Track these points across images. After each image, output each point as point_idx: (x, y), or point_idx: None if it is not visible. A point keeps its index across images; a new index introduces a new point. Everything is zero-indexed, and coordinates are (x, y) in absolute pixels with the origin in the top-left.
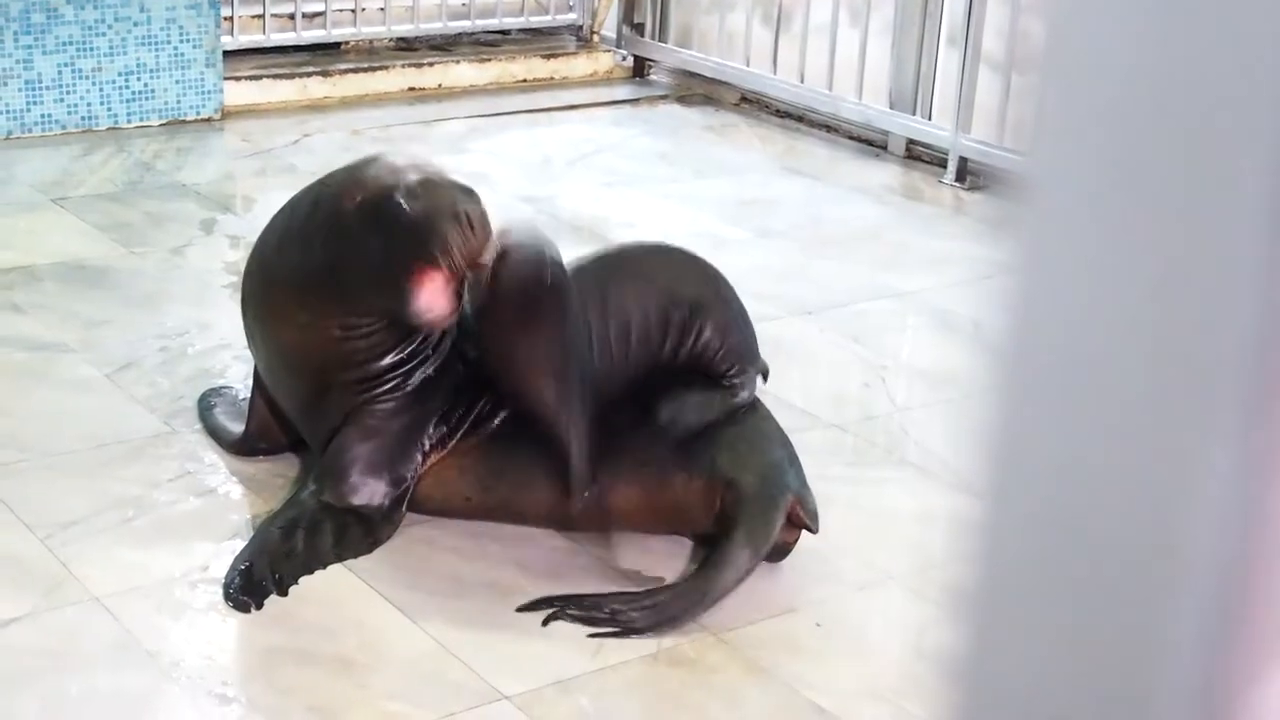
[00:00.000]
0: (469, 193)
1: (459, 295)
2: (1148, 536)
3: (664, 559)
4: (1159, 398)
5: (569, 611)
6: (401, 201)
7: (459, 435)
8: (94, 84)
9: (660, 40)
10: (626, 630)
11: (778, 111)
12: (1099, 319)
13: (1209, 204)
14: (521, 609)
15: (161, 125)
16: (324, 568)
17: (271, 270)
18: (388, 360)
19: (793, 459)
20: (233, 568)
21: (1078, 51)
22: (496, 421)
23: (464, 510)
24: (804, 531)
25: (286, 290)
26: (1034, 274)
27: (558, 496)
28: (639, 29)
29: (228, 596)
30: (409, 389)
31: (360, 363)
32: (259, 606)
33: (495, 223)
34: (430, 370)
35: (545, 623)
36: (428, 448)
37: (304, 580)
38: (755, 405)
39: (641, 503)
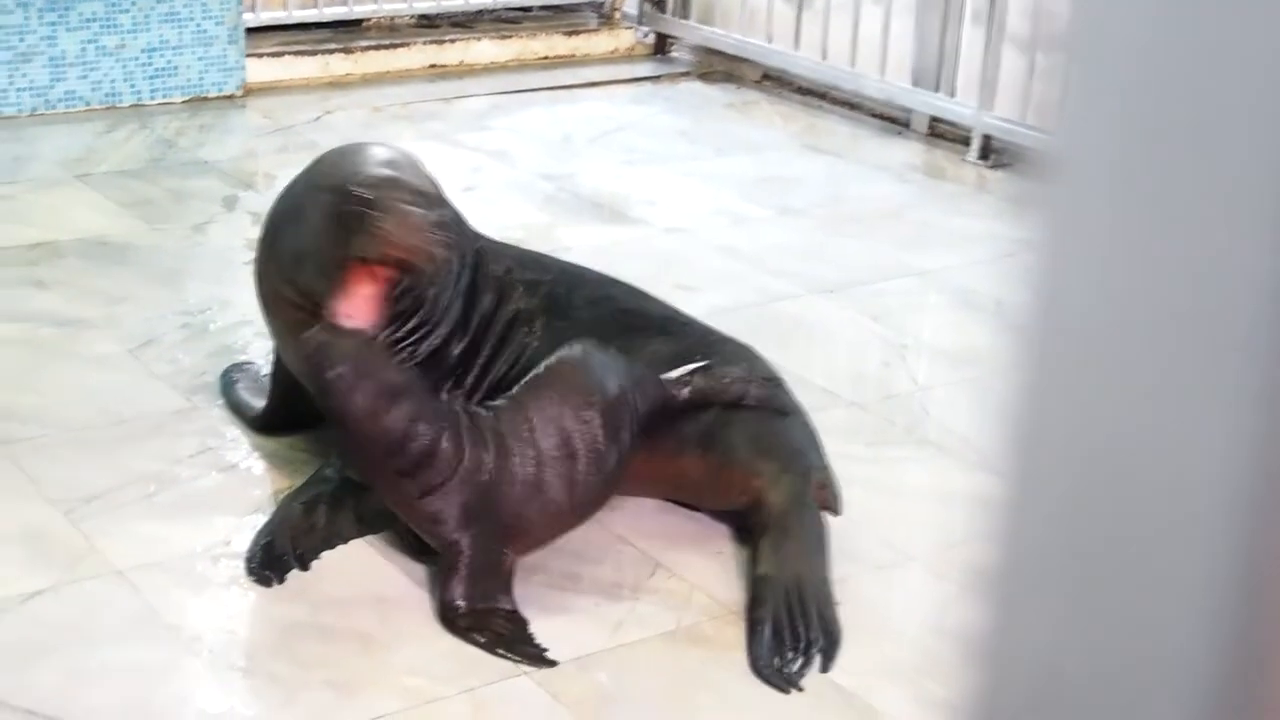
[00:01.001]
0: (427, 197)
1: (387, 300)
2: (1170, 514)
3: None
4: (1182, 375)
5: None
6: (351, 192)
7: (477, 398)
8: (117, 61)
9: (682, 17)
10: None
11: (799, 89)
12: (1123, 297)
13: (1233, 182)
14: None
15: (184, 102)
16: (345, 542)
17: (265, 249)
18: (382, 337)
19: (812, 438)
20: (254, 542)
21: (1103, 29)
22: (511, 378)
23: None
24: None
25: (277, 270)
26: (1058, 252)
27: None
28: (660, 6)
29: (249, 571)
30: (418, 360)
31: None
32: (280, 581)
33: (439, 231)
34: (437, 341)
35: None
36: None
37: (325, 555)
38: (776, 383)
39: (657, 468)
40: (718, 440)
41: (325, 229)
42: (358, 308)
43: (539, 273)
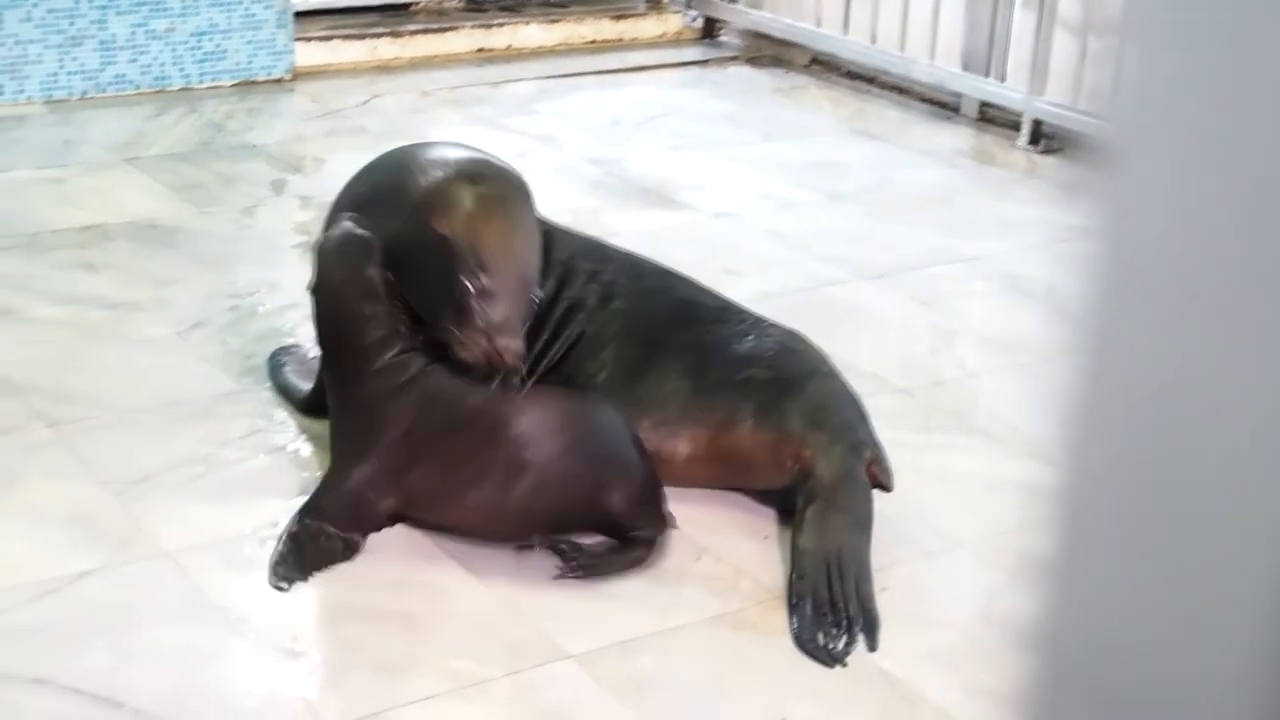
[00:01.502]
0: (528, 283)
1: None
2: (1228, 502)
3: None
4: (1242, 363)
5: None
6: (465, 283)
7: (530, 382)
8: (167, 45)
9: (730, 1)
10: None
11: (848, 73)
12: (1183, 283)
13: None
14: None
15: (233, 86)
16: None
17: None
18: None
19: (864, 418)
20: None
21: (1160, 11)
22: (566, 364)
23: None
24: (876, 492)
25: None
26: (1116, 239)
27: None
28: None
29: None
30: None
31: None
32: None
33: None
34: None
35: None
36: None
37: (371, 537)
38: (819, 369)
39: (710, 446)
40: (771, 413)
41: (430, 272)
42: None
43: (600, 261)
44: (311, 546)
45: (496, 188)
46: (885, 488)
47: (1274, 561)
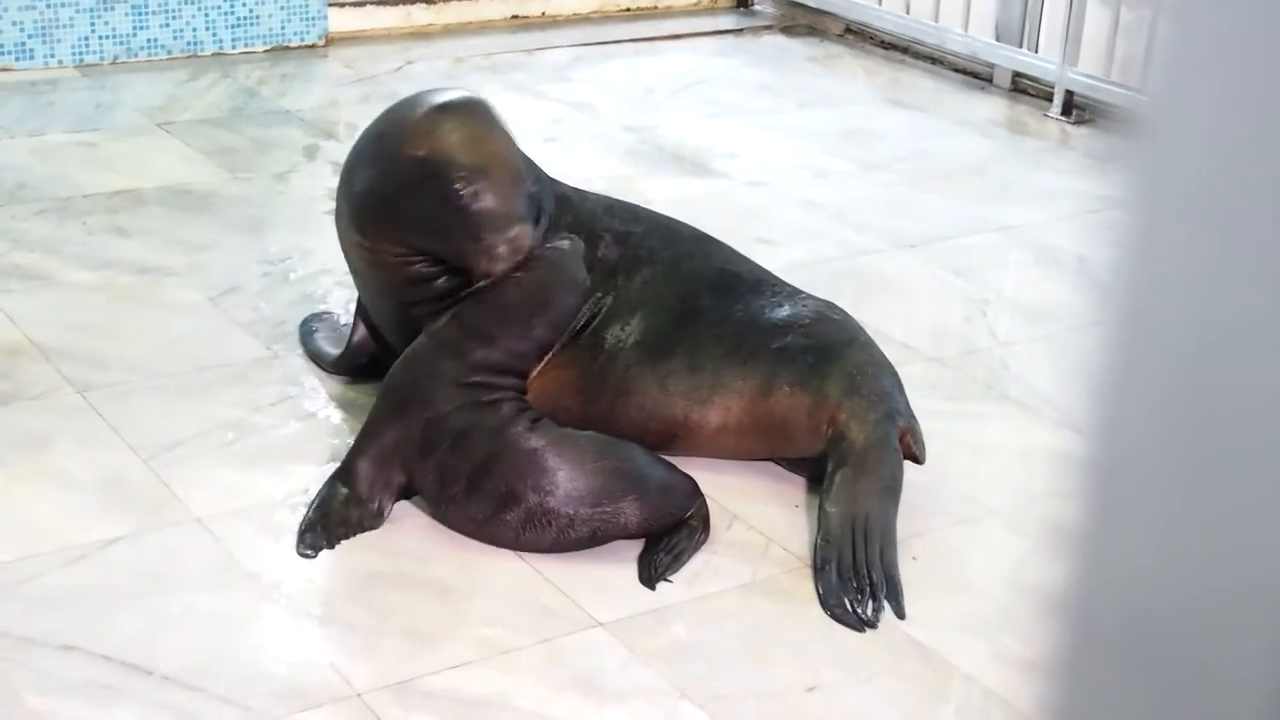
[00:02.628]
0: (518, 173)
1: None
2: (1258, 470)
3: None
4: (1273, 331)
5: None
6: (459, 189)
7: (558, 346)
8: (200, 9)
9: None
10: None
11: (882, 43)
12: (1213, 255)
13: None
14: None
15: (266, 51)
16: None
17: (342, 193)
18: (453, 283)
19: (900, 388)
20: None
21: None
22: (595, 328)
23: (566, 423)
24: (905, 463)
25: (350, 213)
26: (1147, 210)
27: (658, 406)
28: None
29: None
30: None
31: (426, 284)
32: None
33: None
34: None
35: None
36: None
37: (402, 506)
38: (857, 338)
39: (744, 412)
40: (809, 379)
41: (433, 210)
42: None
43: (629, 223)
44: (340, 514)
45: (453, 100)
46: (917, 460)
47: None
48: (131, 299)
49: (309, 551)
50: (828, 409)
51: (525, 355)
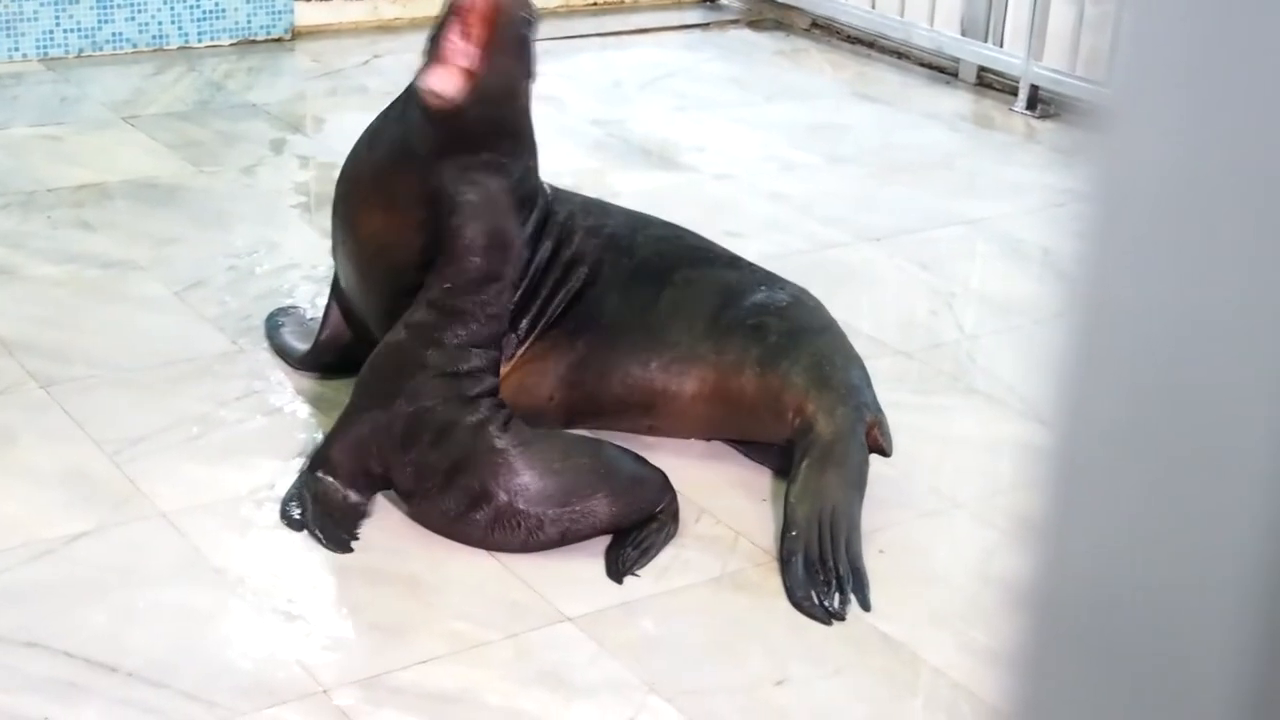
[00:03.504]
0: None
1: (469, 84)
2: (1220, 460)
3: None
4: (1235, 323)
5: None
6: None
7: (531, 339)
8: (165, 3)
9: None
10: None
11: (849, 37)
12: (1176, 247)
13: None
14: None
15: (232, 45)
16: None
17: (362, 165)
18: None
19: (868, 380)
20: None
21: None
22: (570, 317)
23: (550, 412)
24: (872, 456)
25: (374, 179)
26: (1110, 202)
27: (639, 380)
28: None
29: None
30: None
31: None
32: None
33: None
34: None
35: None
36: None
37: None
38: (830, 327)
39: (717, 384)
40: (779, 361)
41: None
42: (438, 80)
43: (601, 218)
44: (340, 506)
45: None
46: (885, 452)
47: (1266, 519)
48: (96, 293)
49: (337, 547)
50: (795, 396)
51: (498, 316)
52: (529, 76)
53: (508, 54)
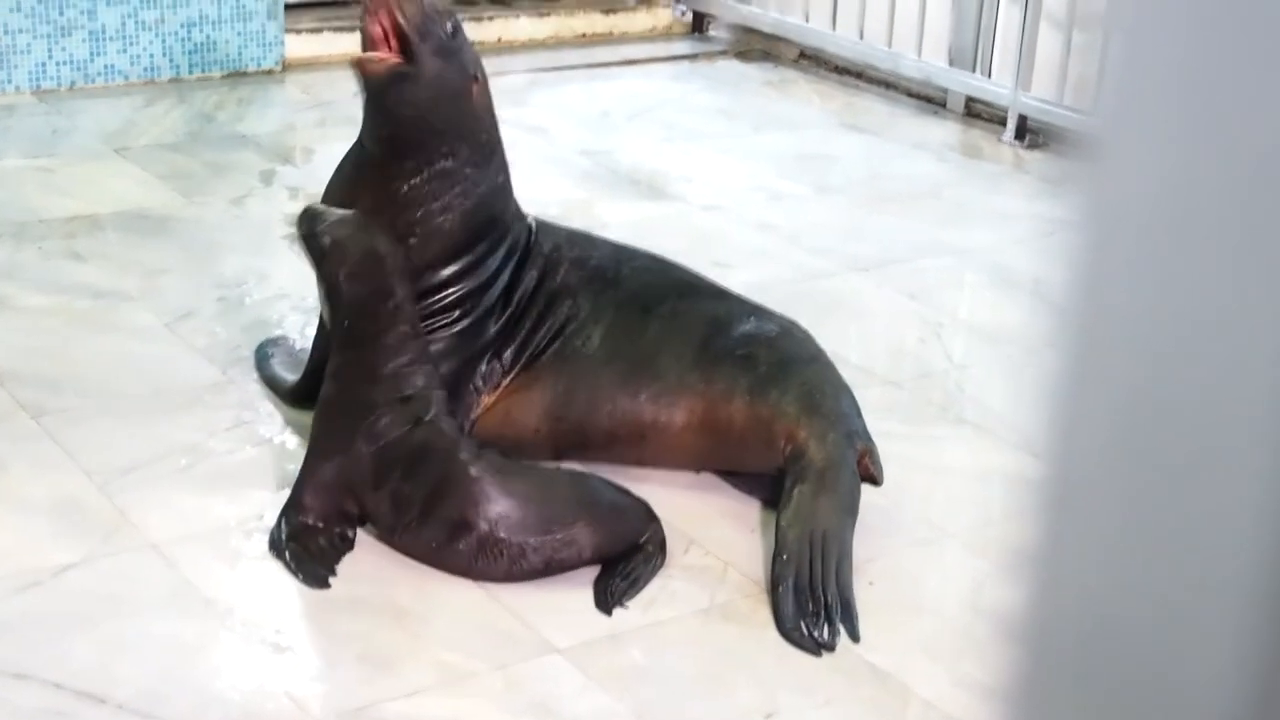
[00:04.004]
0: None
1: (402, 51)
2: (1211, 490)
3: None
4: (1224, 352)
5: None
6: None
7: (516, 370)
8: (157, 35)
9: None
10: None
11: (837, 68)
12: (1165, 275)
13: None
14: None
15: (223, 77)
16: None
17: (331, 192)
18: (445, 273)
19: (858, 410)
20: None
21: (1143, 7)
22: (556, 349)
23: (536, 444)
24: (863, 485)
25: (341, 203)
26: (1099, 231)
27: (626, 412)
28: None
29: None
30: (456, 330)
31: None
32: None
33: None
34: (479, 313)
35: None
36: (483, 388)
37: (359, 531)
38: (819, 357)
39: (706, 414)
40: (769, 390)
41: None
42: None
43: (587, 249)
44: (314, 545)
45: None
46: (875, 481)
47: (1257, 549)
48: (87, 324)
49: (316, 584)
50: (785, 425)
51: (410, 329)
52: (467, 77)
53: (429, 44)
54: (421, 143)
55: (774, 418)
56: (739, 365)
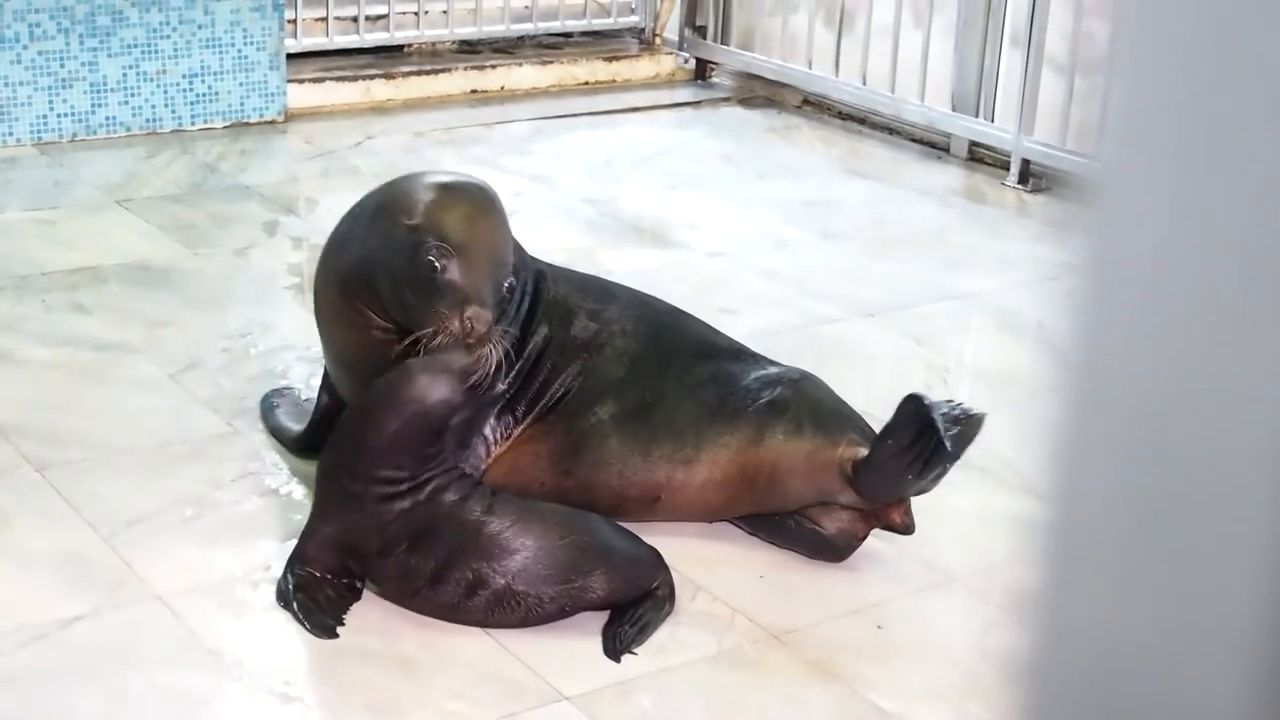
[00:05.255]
0: (497, 256)
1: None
2: (1216, 532)
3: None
4: (1229, 393)
5: None
6: (433, 259)
7: (527, 422)
8: (158, 86)
9: (722, 43)
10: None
11: (840, 114)
12: (1168, 319)
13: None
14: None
15: (225, 127)
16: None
17: (328, 269)
18: None
19: None
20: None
21: (1144, 52)
22: (568, 402)
23: (540, 497)
24: (869, 532)
25: (338, 289)
26: (1102, 275)
27: (638, 472)
28: (701, 31)
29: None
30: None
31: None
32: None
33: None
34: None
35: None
36: (493, 440)
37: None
38: (842, 404)
39: (730, 464)
40: (805, 426)
41: (405, 279)
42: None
43: (603, 300)
44: (322, 596)
45: (459, 181)
46: (907, 530)
47: (1260, 591)
48: (91, 376)
49: (323, 634)
50: (836, 450)
51: (416, 455)
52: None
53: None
54: None
55: (816, 449)
56: (766, 410)
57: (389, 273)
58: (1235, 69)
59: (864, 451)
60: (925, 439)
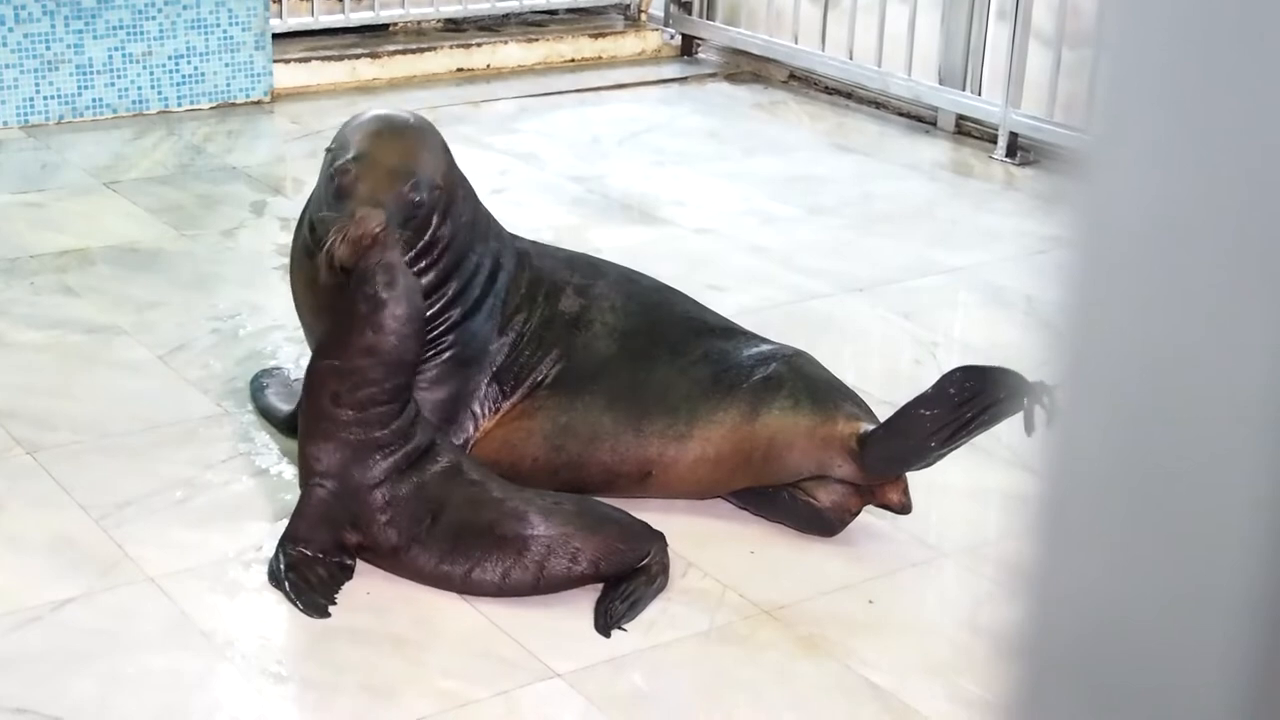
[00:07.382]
0: (397, 175)
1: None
2: (1206, 505)
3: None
4: (1218, 368)
5: None
6: (338, 165)
7: (516, 396)
8: (144, 68)
9: (708, 18)
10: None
11: (826, 88)
12: (1157, 291)
13: (1270, 175)
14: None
15: (212, 108)
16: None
17: (299, 250)
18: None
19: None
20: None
21: (1132, 24)
22: (559, 378)
23: (532, 474)
24: (862, 508)
25: (302, 246)
26: (1090, 249)
27: (630, 448)
28: (686, 7)
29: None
30: (447, 358)
31: None
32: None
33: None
34: (470, 340)
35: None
36: (481, 414)
37: (358, 560)
38: (834, 379)
39: (724, 440)
40: (803, 400)
41: (319, 190)
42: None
43: (590, 276)
44: (314, 575)
45: (387, 111)
46: (904, 510)
47: (1254, 562)
48: (80, 358)
49: (316, 613)
50: (836, 424)
51: (395, 378)
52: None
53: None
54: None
55: (817, 424)
56: (761, 386)
57: (316, 203)
58: (1223, 40)
59: (866, 425)
60: (977, 403)
